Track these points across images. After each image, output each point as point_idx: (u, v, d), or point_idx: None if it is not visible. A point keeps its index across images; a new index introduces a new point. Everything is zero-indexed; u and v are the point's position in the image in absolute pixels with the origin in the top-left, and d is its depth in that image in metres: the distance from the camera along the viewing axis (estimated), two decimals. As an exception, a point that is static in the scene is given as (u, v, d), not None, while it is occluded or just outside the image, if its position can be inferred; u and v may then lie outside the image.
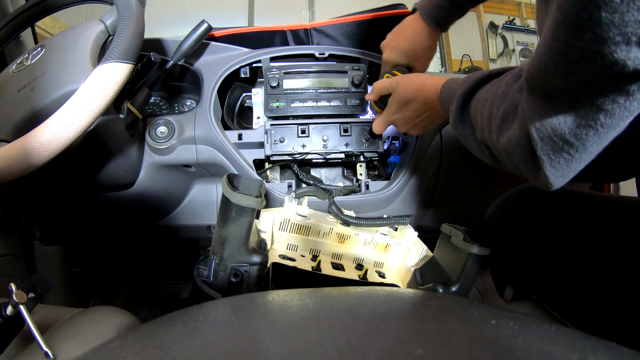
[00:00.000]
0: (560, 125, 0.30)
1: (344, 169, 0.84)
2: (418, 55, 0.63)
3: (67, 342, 0.42)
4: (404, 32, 0.63)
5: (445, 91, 0.50)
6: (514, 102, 0.36)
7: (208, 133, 0.71)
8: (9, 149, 0.45)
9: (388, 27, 0.67)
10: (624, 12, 0.22)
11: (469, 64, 2.79)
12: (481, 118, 0.40)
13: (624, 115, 0.27)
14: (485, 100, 0.40)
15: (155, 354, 0.19)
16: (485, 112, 0.40)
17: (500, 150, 0.38)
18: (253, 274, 0.48)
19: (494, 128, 0.38)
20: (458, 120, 0.45)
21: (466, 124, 0.45)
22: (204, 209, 0.83)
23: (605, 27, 0.23)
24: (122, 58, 0.50)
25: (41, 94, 0.51)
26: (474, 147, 0.45)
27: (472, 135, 0.44)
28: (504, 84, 0.39)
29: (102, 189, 0.72)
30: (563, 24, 0.25)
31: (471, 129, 0.44)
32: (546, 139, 0.31)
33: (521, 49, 3.53)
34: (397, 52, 0.64)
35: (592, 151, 0.30)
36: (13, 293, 0.38)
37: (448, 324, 0.22)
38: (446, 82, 0.50)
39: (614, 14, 0.22)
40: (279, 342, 0.20)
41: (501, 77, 0.41)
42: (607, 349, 0.18)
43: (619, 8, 0.22)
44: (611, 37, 0.23)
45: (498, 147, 0.38)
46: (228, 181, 0.46)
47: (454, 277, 0.49)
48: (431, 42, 0.62)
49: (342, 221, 0.64)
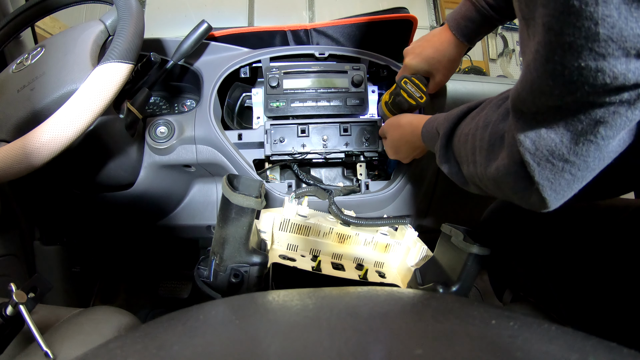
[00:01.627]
0: (558, 145, 0.29)
1: (344, 169, 0.84)
2: (440, 65, 0.63)
3: (67, 342, 0.42)
4: (431, 40, 0.63)
5: (427, 132, 0.50)
6: (498, 131, 0.36)
7: (208, 133, 0.71)
8: (9, 149, 0.45)
9: (389, 30, 0.67)
10: (622, 27, 0.22)
11: (469, 64, 2.79)
12: (465, 153, 0.40)
13: (625, 125, 0.27)
14: (467, 135, 0.40)
15: (155, 354, 0.19)
16: (469, 146, 0.39)
17: (489, 181, 0.37)
18: (253, 274, 0.48)
19: (479, 160, 0.38)
20: (443, 160, 0.45)
21: (452, 162, 0.45)
22: (204, 209, 0.83)
23: (604, 44, 0.23)
24: (122, 58, 0.50)
25: (41, 94, 0.51)
26: (462, 182, 0.45)
27: (459, 172, 0.44)
28: (483, 115, 0.38)
29: (102, 189, 0.72)
30: (558, 44, 0.24)
31: (457, 167, 0.44)
32: (544, 162, 0.30)
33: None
34: (420, 58, 0.64)
35: (594, 167, 0.30)
36: (13, 293, 0.38)
37: (448, 324, 0.22)
38: (427, 122, 0.51)
39: (612, 29, 0.22)
40: (279, 342, 0.20)
41: (479, 108, 0.41)
42: (606, 349, 0.18)
43: (617, 23, 0.22)
44: (610, 52, 0.23)
45: (485, 179, 0.37)
46: (228, 181, 0.46)
47: (454, 277, 0.49)
48: (456, 54, 0.62)
49: (342, 221, 0.64)
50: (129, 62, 0.51)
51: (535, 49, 0.26)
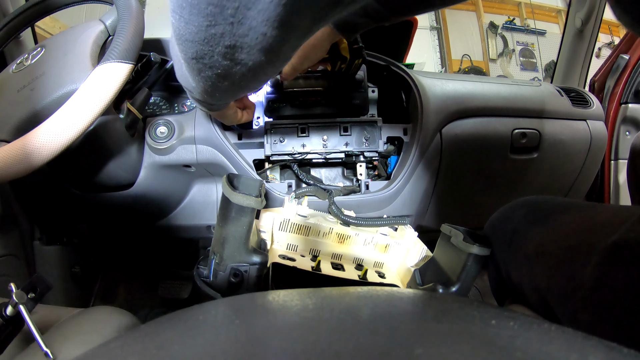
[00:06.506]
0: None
1: (344, 169, 0.84)
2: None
3: (67, 342, 0.42)
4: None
5: None
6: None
7: (208, 133, 0.71)
8: (9, 149, 0.45)
9: (389, 31, 0.67)
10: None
11: (469, 64, 2.80)
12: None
13: None
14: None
15: (155, 354, 0.19)
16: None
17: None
18: (253, 274, 0.48)
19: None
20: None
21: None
22: (204, 209, 0.83)
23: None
24: (122, 58, 0.50)
25: (41, 94, 0.51)
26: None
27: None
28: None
29: (102, 189, 0.72)
30: None
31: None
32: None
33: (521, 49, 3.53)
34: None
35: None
36: (13, 293, 0.38)
37: (448, 324, 0.22)
38: None
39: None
40: (279, 342, 0.20)
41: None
42: (606, 349, 0.18)
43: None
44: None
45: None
46: (228, 181, 0.46)
47: (453, 277, 0.49)
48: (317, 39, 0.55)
49: (342, 221, 0.64)
50: (129, 62, 0.51)
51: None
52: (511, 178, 0.90)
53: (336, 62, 0.64)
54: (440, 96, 0.79)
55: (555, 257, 0.45)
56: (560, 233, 0.46)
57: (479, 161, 0.85)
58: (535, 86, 0.94)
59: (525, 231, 0.50)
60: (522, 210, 0.53)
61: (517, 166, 0.88)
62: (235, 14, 0.22)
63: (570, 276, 0.43)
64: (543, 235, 0.48)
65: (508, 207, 0.57)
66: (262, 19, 0.23)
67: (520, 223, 0.52)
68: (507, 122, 0.84)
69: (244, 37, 0.24)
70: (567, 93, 0.95)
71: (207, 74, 0.28)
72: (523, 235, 0.50)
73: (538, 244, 0.48)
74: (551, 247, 0.46)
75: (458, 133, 0.81)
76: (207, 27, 0.24)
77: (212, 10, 0.22)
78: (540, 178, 0.92)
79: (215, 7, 0.22)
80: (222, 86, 0.30)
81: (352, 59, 0.62)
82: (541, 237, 0.48)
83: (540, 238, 0.48)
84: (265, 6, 0.22)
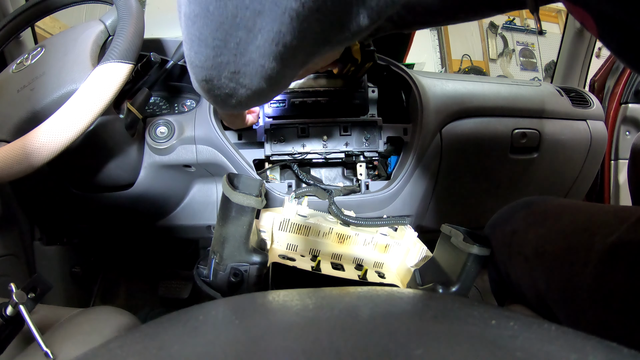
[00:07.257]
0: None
1: (344, 169, 0.84)
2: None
3: (67, 342, 0.42)
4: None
5: None
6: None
7: (208, 133, 0.71)
8: (9, 149, 0.45)
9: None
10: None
11: (469, 64, 2.79)
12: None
13: None
14: None
15: (155, 354, 0.19)
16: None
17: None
18: (253, 274, 0.48)
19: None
20: None
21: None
22: (204, 209, 0.83)
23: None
24: (122, 58, 0.50)
25: (41, 94, 0.51)
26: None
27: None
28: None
29: (102, 189, 0.72)
30: None
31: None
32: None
33: (521, 49, 3.53)
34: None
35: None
36: (13, 293, 0.38)
37: (448, 324, 0.22)
38: None
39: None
40: (279, 341, 0.20)
41: None
42: (606, 349, 0.18)
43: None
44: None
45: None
46: (228, 180, 0.46)
47: (453, 278, 0.49)
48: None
49: (342, 221, 0.64)
50: (129, 62, 0.51)
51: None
52: (511, 178, 0.90)
53: (346, 64, 0.64)
54: (440, 96, 0.79)
55: (554, 258, 0.45)
56: (559, 233, 0.46)
57: (479, 161, 0.85)
58: (535, 86, 0.94)
59: (525, 232, 0.50)
60: (522, 211, 0.54)
61: (517, 166, 0.88)
62: (238, 47, 0.26)
63: (570, 276, 0.43)
64: (542, 235, 0.48)
65: (508, 207, 0.57)
66: (259, 54, 0.26)
67: (520, 224, 0.52)
68: (507, 122, 0.84)
69: (246, 66, 0.28)
70: (567, 93, 0.95)
71: (215, 93, 0.32)
72: (522, 235, 0.50)
73: (537, 244, 0.48)
74: (550, 247, 0.46)
75: (458, 133, 0.81)
76: (214, 57, 0.27)
77: (217, 44, 0.26)
78: (540, 178, 0.92)
79: (220, 41, 0.26)
80: (231, 103, 0.34)
81: (363, 61, 0.63)
82: (540, 237, 0.48)
83: (540, 238, 0.48)
84: (262, 43, 0.25)
